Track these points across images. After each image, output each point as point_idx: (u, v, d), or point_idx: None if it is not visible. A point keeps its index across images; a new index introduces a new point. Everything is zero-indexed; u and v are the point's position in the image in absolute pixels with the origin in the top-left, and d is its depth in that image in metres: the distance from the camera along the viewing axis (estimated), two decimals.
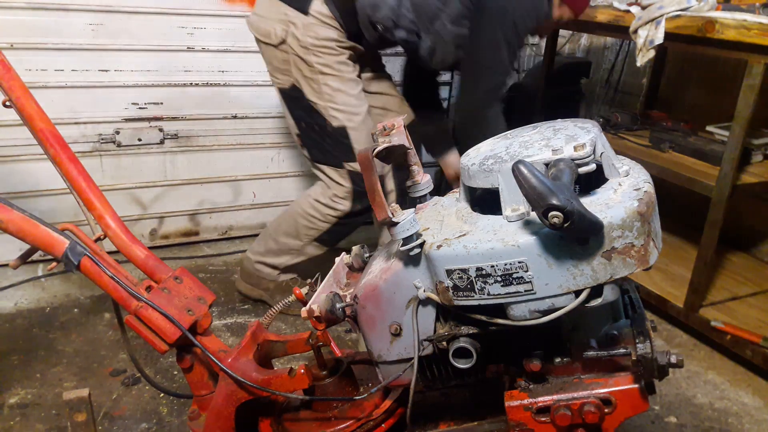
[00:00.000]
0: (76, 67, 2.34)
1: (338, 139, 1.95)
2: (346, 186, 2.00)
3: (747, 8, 1.91)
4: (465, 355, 0.95)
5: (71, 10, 2.27)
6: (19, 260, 1.13)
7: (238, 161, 2.73)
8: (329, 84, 1.90)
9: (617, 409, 0.92)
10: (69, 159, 1.21)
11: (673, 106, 2.81)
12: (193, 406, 1.24)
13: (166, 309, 1.10)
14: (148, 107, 2.50)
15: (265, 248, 2.22)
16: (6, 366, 1.89)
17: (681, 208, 2.41)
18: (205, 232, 2.79)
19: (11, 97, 1.21)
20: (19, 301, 2.26)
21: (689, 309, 2.11)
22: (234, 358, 1.12)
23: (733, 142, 1.87)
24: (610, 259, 0.82)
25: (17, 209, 1.08)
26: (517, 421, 0.96)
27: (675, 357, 0.90)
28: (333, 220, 2.07)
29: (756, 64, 1.76)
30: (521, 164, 0.75)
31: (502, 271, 0.84)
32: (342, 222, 2.08)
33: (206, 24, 2.48)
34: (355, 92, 1.95)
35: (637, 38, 2.02)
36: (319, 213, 2.07)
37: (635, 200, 0.82)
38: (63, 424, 1.66)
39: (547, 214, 0.73)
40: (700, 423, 1.78)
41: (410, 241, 0.90)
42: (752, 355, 1.93)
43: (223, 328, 2.15)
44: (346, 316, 1.02)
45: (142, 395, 1.80)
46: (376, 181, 0.91)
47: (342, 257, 1.17)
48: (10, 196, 2.28)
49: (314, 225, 2.10)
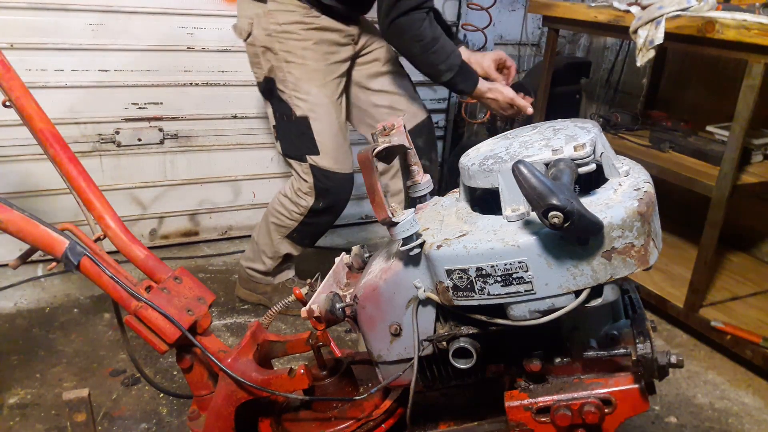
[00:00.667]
0: (76, 67, 2.34)
1: (301, 130, 1.93)
2: (308, 181, 1.97)
3: (747, 8, 1.91)
4: (465, 355, 0.95)
5: (71, 10, 2.27)
6: (19, 260, 1.13)
7: (238, 161, 2.73)
8: (292, 72, 1.88)
9: (617, 409, 0.91)
10: (69, 159, 1.21)
11: (673, 106, 2.82)
12: (192, 407, 1.24)
13: (166, 309, 1.10)
14: (148, 107, 2.51)
15: (251, 253, 2.22)
16: (6, 366, 1.89)
17: (681, 208, 2.41)
18: (204, 232, 2.79)
19: (11, 97, 1.21)
20: (19, 301, 2.26)
21: (689, 309, 2.11)
22: (234, 359, 1.12)
23: (733, 142, 1.87)
24: (610, 259, 0.81)
25: (17, 209, 1.08)
26: (517, 421, 0.96)
27: (675, 357, 0.90)
28: (298, 217, 2.04)
29: (756, 64, 1.76)
30: (521, 164, 0.75)
31: (502, 271, 0.84)
32: (307, 221, 2.05)
33: (206, 24, 2.48)
34: (320, 81, 1.91)
35: (637, 38, 2.02)
36: (285, 209, 2.06)
37: (635, 200, 0.82)
38: (63, 424, 1.66)
39: (547, 214, 0.73)
40: (700, 423, 1.78)
41: (410, 241, 0.90)
42: (752, 355, 1.93)
43: (223, 328, 2.15)
44: (346, 316, 1.02)
45: (142, 395, 1.80)
46: (375, 181, 0.91)
47: (342, 257, 1.17)
48: (10, 196, 2.27)
49: (281, 222, 2.08)
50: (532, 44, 3.34)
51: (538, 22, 3.25)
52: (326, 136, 1.93)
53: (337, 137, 1.96)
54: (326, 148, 1.94)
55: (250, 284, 2.26)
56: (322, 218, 2.07)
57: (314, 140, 1.92)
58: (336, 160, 1.96)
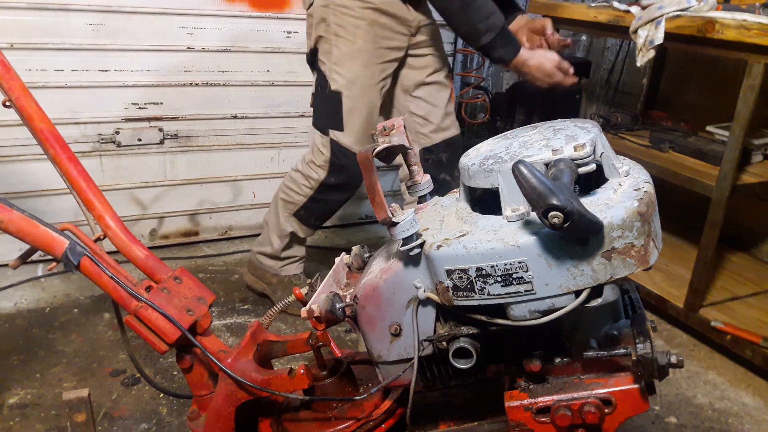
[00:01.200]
0: (76, 67, 2.34)
1: (331, 104, 1.91)
2: (325, 154, 1.97)
3: (747, 8, 1.91)
4: (465, 356, 0.95)
5: (71, 10, 2.27)
6: (19, 260, 1.13)
7: (238, 161, 2.73)
8: (339, 47, 1.87)
9: (617, 409, 0.92)
10: (69, 159, 1.21)
11: (673, 106, 2.82)
12: (192, 407, 1.24)
13: (166, 309, 1.10)
14: (148, 107, 2.50)
15: (262, 237, 2.24)
16: (6, 366, 1.89)
17: (681, 208, 2.41)
18: (204, 232, 2.79)
19: (11, 97, 1.21)
20: (19, 301, 2.26)
21: (689, 309, 2.11)
22: (234, 359, 1.12)
23: (733, 142, 1.87)
24: (610, 259, 0.81)
25: (17, 209, 1.08)
26: (517, 421, 0.96)
27: (675, 357, 0.90)
28: (307, 191, 2.04)
29: (756, 64, 1.76)
30: (521, 164, 0.75)
31: (502, 271, 0.84)
32: (317, 197, 2.05)
33: (206, 24, 2.48)
34: (364, 61, 1.88)
35: (637, 38, 2.02)
36: (295, 184, 2.05)
37: (635, 200, 0.82)
38: (63, 425, 1.65)
39: (547, 214, 0.73)
40: (700, 423, 1.78)
41: (410, 241, 0.90)
42: (752, 355, 1.93)
43: (223, 328, 2.15)
44: (346, 316, 1.02)
45: (142, 395, 1.80)
46: (376, 181, 0.91)
47: (342, 257, 1.17)
48: (10, 196, 2.27)
49: (290, 198, 2.08)
50: None
51: None
52: (355, 116, 1.92)
53: (366, 120, 1.94)
54: (352, 126, 1.93)
55: (258, 271, 2.26)
56: (333, 195, 2.05)
57: (341, 116, 1.91)
58: (358, 141, 1.94)
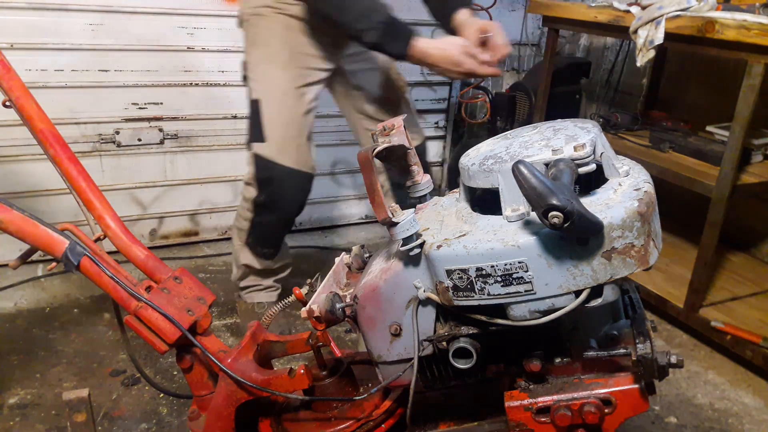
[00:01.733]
0: (76, 67, 2.34)
1: (252, 115, 1.79)
2: (251, 171, 1.82)
3: (747, 8, 1.91)
4: (465, 356, 0.95)
5: (71, 10, 2.27)
6: (19, 260, 1.13)
7: (238, 161, 2.73)
8: (255, 55, 1.80)
9: (617, 409, 0.91)
10: (69, 159, 1.21)
11: (673, 106, 2.82)
12: (192, 407, 1.24)
13: (166, 309, 1.10)
14: (148, 107, 2.51)
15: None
16: (6, 366, 1.89)
17: (681, 208, 2.41)
18: (204, 232, 2.79)
19: (11, 97, 1.21)
20: (19, 301, 2.26)
21: (689, 309, 2.11)
22: (234, 359, 1.12)
23: (733, 142, 1.87)
24: (610, 259, 0.81)
25: (17, 209, 1.08)
26: (517, 421, 0.96)
27: (675, 357, 0.90)
28: (248, 214, 1.89)
29: (756, 64, 1.76)
30: (521, 164, 0.75)
31: (502, 271, 0.84)
32: (255, 220, 1.89)
33: (206, 24, 2.48)
34: (281, 65, 1.76)
35: (637, 38, 2.02)
36: (240, 207, 1.93)
37: (635, 200, 0.82)
38: (63, 425, 1.65)
39: (547, 214, 0.73)
40: (700, 423, 1.78)
41: (410, 241, 0.90)
42: (752, 355, 1.93)
43: (223, 328, 2.15)
44: (346, 316, 1.02)
45: (142, 395, 1.80)
46: (375, 181, 0.91)
47: (342, 257, 1.17)
48: (10, 196, 2.28)
49: (240, 224, 1.95)
50: (532, 44, 3.34)
51: (537, 22, 3.25)
52: (276, 124, 1.77)
53: (289, 127, 1.78)
54: (273, 136, 1.77)
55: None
56: (267, 216, 1.87)
57: (261, 126, 1.76)
58: (281, 151, 1.77)
